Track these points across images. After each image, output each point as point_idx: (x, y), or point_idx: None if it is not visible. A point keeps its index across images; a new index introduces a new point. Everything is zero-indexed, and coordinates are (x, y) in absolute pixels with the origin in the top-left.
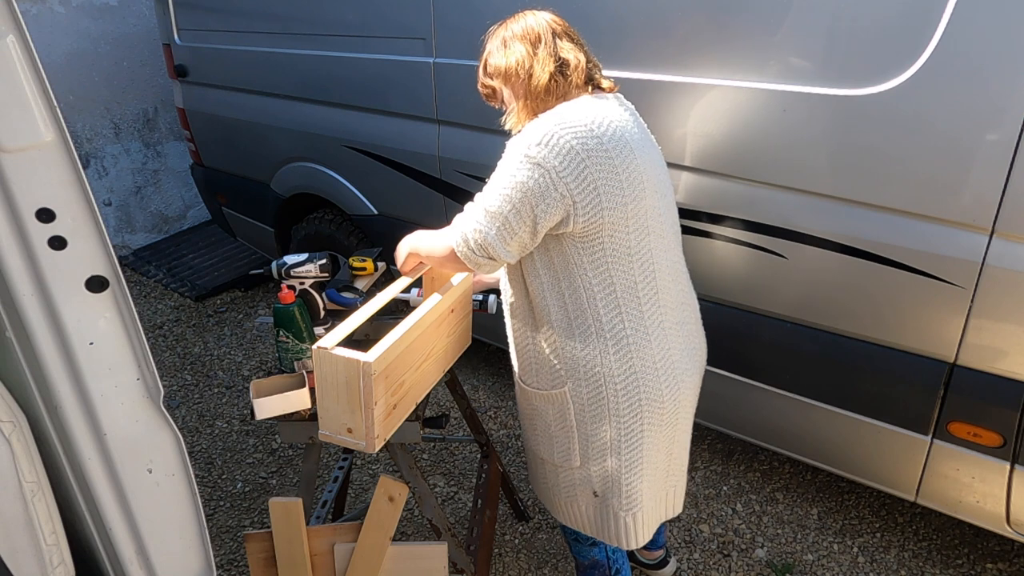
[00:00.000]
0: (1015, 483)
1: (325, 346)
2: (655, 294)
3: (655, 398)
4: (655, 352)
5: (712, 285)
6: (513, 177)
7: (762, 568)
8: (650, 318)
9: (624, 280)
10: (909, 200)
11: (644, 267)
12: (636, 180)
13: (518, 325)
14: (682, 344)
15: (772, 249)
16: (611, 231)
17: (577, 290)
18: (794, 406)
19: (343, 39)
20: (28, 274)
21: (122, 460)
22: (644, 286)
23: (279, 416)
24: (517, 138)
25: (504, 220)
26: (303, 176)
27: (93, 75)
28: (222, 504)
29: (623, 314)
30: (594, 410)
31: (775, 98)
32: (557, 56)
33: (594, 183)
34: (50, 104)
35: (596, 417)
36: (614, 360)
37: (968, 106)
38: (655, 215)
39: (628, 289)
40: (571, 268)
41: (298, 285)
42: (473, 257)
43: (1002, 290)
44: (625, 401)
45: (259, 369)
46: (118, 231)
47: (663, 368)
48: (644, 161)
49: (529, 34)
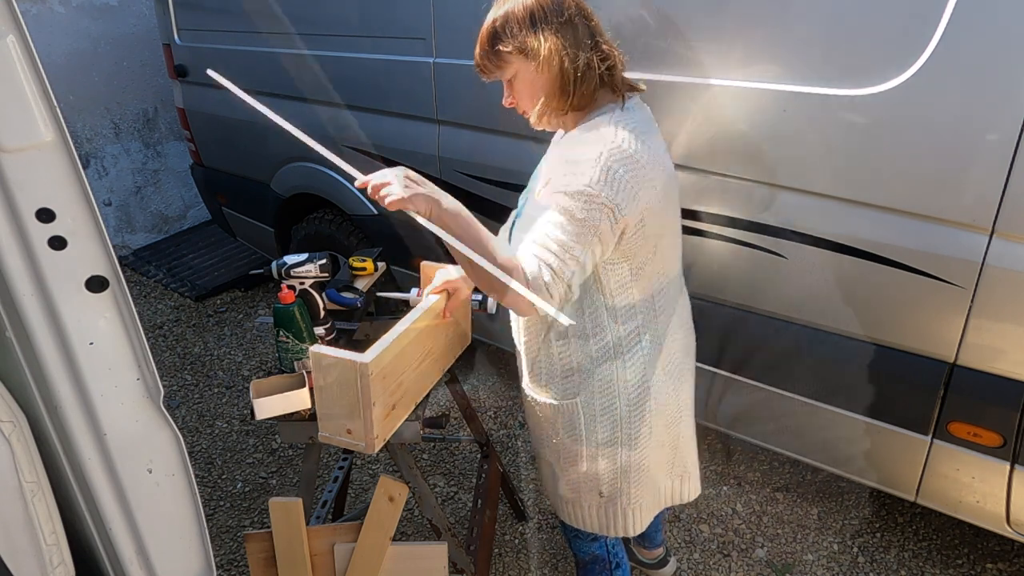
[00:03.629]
0: (1015, 483)
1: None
2: (668, 303)
3: (662, 402)
4: (665, 359)
5: (712, 285)
6: (575, 215)
7: (762, 568)
8: (663, 327)
9: (644, 297)
10: (909, 200)
11: (661, 280)
12: (669, 200)
13: (531, 338)
14: (683, 343)
15: (772, 249)
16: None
17: (598, 309)
18: (794, 406)
19: (343, 39)
20: (28, 274)
21: (122, 460)
22: (660, 298)
23: (279, 416)
24: (570, 170)
25: (572, 252)
26: (303, 176)
27: (93, 75)
28: (222, 504)
29: (640, 328)
30: (604, 419)
31: (775, 98)
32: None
33: (643, 217)
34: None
35: (605, 425)
36: (630, 373)
37: (968, 106)
38: (672, 228)
39: (647, 305)
40: (594, 288)
41: (298, 285)
42: (546, 291)
43: (1002, 290)
44: (636, 409)
45: (259, 369)
46: (118, 231)
47: (670, 373)
48: (670, 175)
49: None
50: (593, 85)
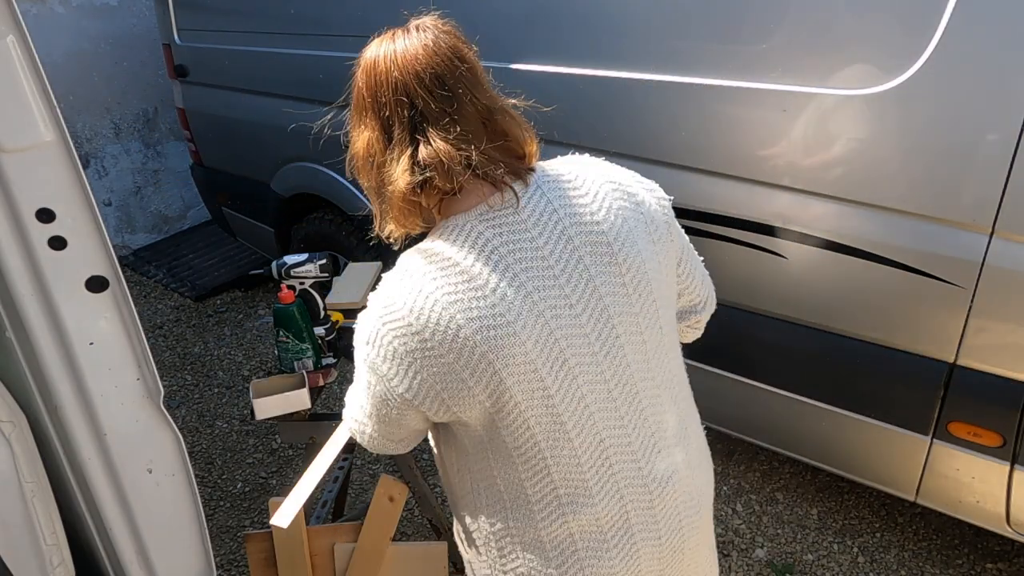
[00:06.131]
0: (1015, 483)
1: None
2: (552, 491)
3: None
4: (549, 563)
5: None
6: (363, 379)
7: (762, 568)
8: (544, 521)
9: (506, 476)
10: (909, 200)
11: (530, 465)
12: (493, 377)
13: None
14: (622, 535)
15: (772, 249)
16: (480, 426)
17: (463, 471)
18: (794, 406)
19: (343, 39)
20: (28, 274)
21: (122, 460)
22: (532, 484)
23: (279, 416)
24: (360, 319)
25: (379, 418)
26: (303, 176)
27: (93, 75)
28: (222, 504)
29: (508, 512)
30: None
31: (775, 98)
32: (415, 151)
33: (438, 395)
34: (50, 104)
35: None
36: (497, 559)
37: (968, 106)
38: (538, 403)
39: (512, 486)
40: (454, 444)
41: (298, 285)
42: (376, 449)
43: (1002, 290)
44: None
45: (259, 369)
46: (118, 231)
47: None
48: (512, 342)
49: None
50: (401, 208)
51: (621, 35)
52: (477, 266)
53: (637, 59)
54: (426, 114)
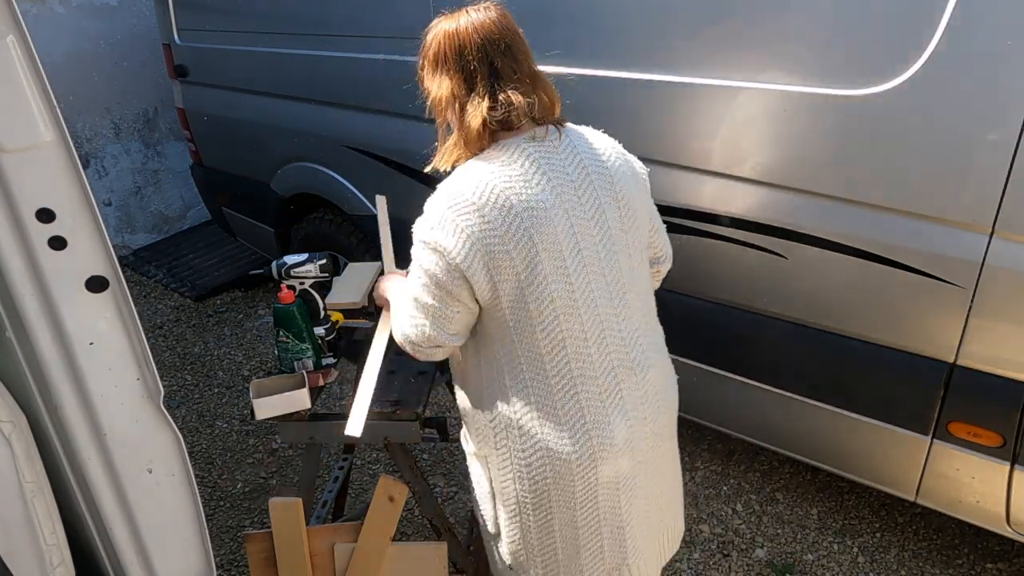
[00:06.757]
0: (1015, 483)
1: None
2: (566, 364)
3: (564, 480)
4: (563, 431)
5: (712, 285)
6: (422, 265)
7: (762, 568)
8: (559, 392)
9: (528, 352)
10: (909, 200)
11: (550, 337)
12: (531, 248)
13: (456, 380)
14: (617, 410)
15: (772, 249)
16: (509, 304)
17: (490, 360)
18: (794, 406)
19: (343, 39)
20: (28, 274)
21: (122, 460)
22: (551, 358)
23: (279, 416)
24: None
25: (434, 310)
26: (303, 176)
27: (93, 75)
28: (222, 504)
29: (528, 388)
30: (504, 486)
31: (775, 98)
32: (496, 98)
33: (485, 262)
34: (50, 104)
35: (504, 495)
36: (517, 438)
37: (968, 106)
38: (560, 278)
39: (533, 362)
40: (483, 336)
41: (298, 285)
42: (424, 351)
43: (1002, 290)
44: (530, 485)
45: (259, 369)
46: (118, 231)
47: (577, 445)
48: (548, 223)
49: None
50: (476, 134)
51: (619, 34)
52: (525, 166)
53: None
54: (501, 71)
